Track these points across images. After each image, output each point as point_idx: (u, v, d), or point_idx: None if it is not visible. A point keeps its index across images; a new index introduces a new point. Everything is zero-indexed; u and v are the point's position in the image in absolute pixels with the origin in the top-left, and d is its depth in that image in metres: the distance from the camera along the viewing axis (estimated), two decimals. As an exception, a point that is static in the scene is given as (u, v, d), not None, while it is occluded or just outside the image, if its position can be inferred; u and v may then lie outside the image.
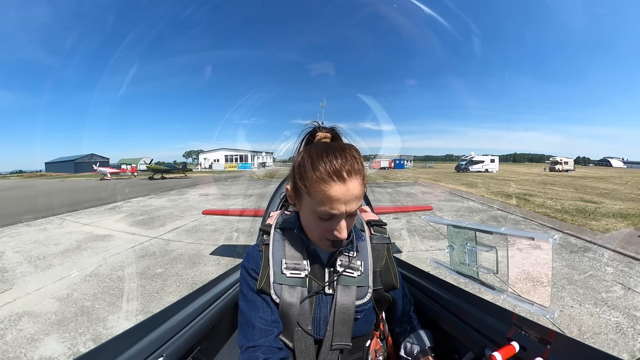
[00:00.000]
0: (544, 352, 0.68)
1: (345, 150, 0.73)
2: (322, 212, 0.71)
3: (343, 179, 0.69)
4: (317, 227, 0.76)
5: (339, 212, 0.70)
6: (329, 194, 0.69)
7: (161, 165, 33.18)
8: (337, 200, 0.69)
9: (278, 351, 0.77)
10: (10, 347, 2.67)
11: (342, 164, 0.70)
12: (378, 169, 42.10)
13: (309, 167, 0.71)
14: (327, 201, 0.70)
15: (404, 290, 1.01)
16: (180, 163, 58.96)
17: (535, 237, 0.58)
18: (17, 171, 74.26)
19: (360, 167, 0.73)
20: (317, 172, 0.70)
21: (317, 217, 0.74)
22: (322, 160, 0.70)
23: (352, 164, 0.71)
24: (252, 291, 0.82)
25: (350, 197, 0.70)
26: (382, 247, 0.91)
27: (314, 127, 0.86)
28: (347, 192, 0.69)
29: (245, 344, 0.77)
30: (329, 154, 0.71)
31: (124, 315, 3.24)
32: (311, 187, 0.71)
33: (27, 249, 5.76)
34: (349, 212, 0.72)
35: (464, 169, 35.66)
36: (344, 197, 0.69)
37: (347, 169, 0.70)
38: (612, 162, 78.18)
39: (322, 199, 0.70)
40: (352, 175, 0.70)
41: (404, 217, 7.88)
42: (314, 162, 0.71)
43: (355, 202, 0.72)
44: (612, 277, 4.08)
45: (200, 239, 6.24)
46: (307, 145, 0.82)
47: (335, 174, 0.69)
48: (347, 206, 0.70)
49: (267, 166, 50.46)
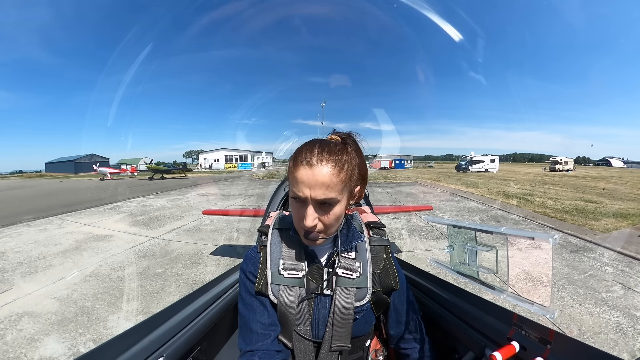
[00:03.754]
0: (544, 352, 0.68)
1: (328, 144, 0.77)
2: (293, 194, 0.75)
3: (310, 164, 0.72)
4: (294, 214, 0.79)
5: (304, 195, 0.72)
6: (296, 176, 0.73)
7: (161, 166, 33.19)
8: (302, 183, 0.72)
9: (276, 354, 0.78)
10: (10, 347, 2.67)
11: (317, 152, 0.74)
12: (378, 169, 42.09)
13: (293, 156, 0.78)
14: (295, 183, 0.74)
15: (409, 298, 0.95)
16: (180, 163, 59.01)
17: (535, 237, 0.58)
18: (17, 171, 74.24)
19: (338, 158, 0.75)
20: (294, 159, 0.75)
21: (294, 202, 0.77)
22: (303, 150, 0.76)
23: (328, 155, 0.74)
24: (250, 295, 0.83)
25: (316, 183, 0.71)
26: (381, 249, 0.91)
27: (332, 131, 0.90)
28: (312, 176, 0.71)
29: (245, 347, 0.79)
30: (311, 145, 0.76)
31: (124, 315, 3.24)
32: (289, 172, 0.76)
33: (27, 249, 5.75)
34: (315, 199, 0.72)
35: (464, 169, 35.66)
36: (308, 180, 0.71)
37: (319, 157, 0.73)
38: (612, 162, 78.20)
39: (292, 181, 0.75)
40: (322, 162, 0.72)
41: (404, 217, 7.88)
42: (297, 152, 0.77)
43: (321, 190, 0.71)
44: (612, 277, 4.08)
45: (201, 239, 6.24)
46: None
47: (305, 159, 0.73)
48: (311, 191, 0.71)
49: (267, 166, 50.46)
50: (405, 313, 0.93)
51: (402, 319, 0.93)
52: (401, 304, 0.93)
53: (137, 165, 36.85)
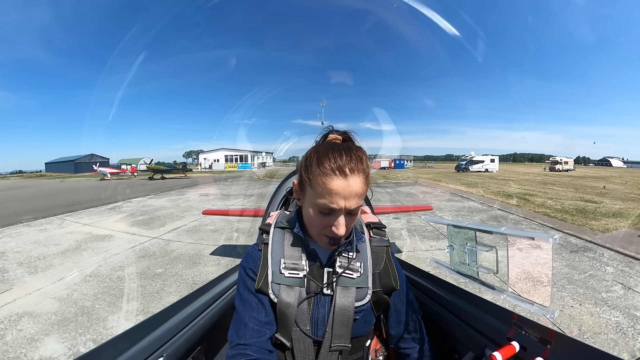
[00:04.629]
0: (544, 351, 0.68)
1: (351, 150, 0.75)
2: (322, 205, 0.73)
3: (345, 174, 0.71)
4: (317, 222, 0.77)
5: (338, 206, 0.71)
6: (329, 187, 0.71)
7: (161, 166, 33.19)
8: (337, 194, 0.71)
9: (269, 353, 0.78)
10: (10, 347, 2.67)
11: (346, 161, 0.72)
12: (378, 169, 42.08)
13: (315, 161, 0.74)
14: (328, 194, 0.71)
15: (409, 298, 0.95)
16: (180, 163, 59.06)
17: (535, 237, 0.58)
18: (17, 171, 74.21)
19: (364, 167, 0.75)
20: (322, 167, 0.72)
21: (318, 210, 0.75)
22: (327, 156, 0.73)
23: (355, 162, 0.73)
24: (248, 291, 0.83)
25: (350, 194, 0.71)
26: (381, 249, 0.91)
27: (328, 131, 0.88)
28: (348, 187, 0.71)
29: (236, 340, 0.78)
30: (335, 151, 0.74)
31: (124, 315, 3.24)
32: (314, 179, 0.73)
33: (27, 249, 5.75)
34: (349, 209, 0.73)
35: (464, 169, 35.66)
36: (344, 192, 0.71)
37: (350, 167, 0.72)
38: (612, 162, 78.18)
39: (322, 192, 0.72)
40: (354, 172, 0.72)
41: (404, 217, 7.88)
42: (320, 157, 0.74)
43: (355, 200, 0.72)
44: (612, 277, 4.07)
45: (201, 239, 6.24)
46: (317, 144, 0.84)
47: (338, 169, 0.71)
48: (346, 202, 0.71)
49: (267, 166, 50.48)
50: (405, 313, 0.93)
51: (402, 319, 0.93)
52: (401, 304, 0.93)
53: (137, 165, 36.85)
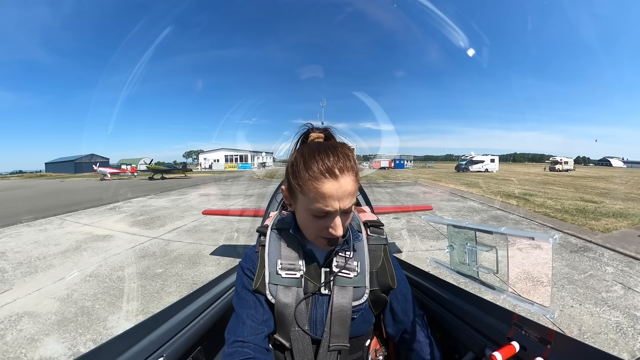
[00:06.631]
0: (544, 351, 0.68)
1: (337, 149, 0.74)
2: (316, 209, 0.72)
3: (335, 175, 0.70)
4: (312, 226, 0.76)
5: (333, 209, 0.71)
6: (322, 191, 0.69)
7: (161, 166, 33.19)
8: (330, 197, 0.70)
9: (266, 351, 0.78)
10: (10, 348, 2.67)
11: (334, 161, 0.70)
12: (378, 169, 42.07)
13: (302, 167, 0.72)
14: (321, 198, 0.70)
15: (408, 297, 0.93)
16: (180, 163, 59.06)
17: (535, 236, 0.58)
18: (17, 171, 74.24)
19: (353, 164, 0.74)
20: (310, 171, 0.70)
21: (312, 215, 0.74)
22: (314, 159, 0.71)
23: (344, 161, 0.72)
24: (245, 289, 0.83)
25: (343, 194, 0.71)
26: (378, 247, 0.91)
27: (307, 129, 0.86)
28: (340, 188, 0.70)
29: (233, 337, 0.77)
30: (321, 152, 0.72)
31: (124, 315, 3.24)
32: (304, 185, 0.71)
33: (27, 249, 5.75)
34: (343, 209, 0.72)
35: (464, 169, 35.64)
36: (337, 193, 0.70)
37: (340, 167, 0.70)
38: (612, 161, 78.15)
39: (315, 197, 0.70)
40: (344, 172, 0.71)
41: (404, 217, 7.88)
42: (306, 161, 0.72)
43: (348, 199, 0.72)
44: (612, 277, 4.07)
45: (201, 239, 6.24)
46: (301, 146, 0.83)
47: (328, 171, 0.69)
48: (340, 203, 0.71)
49: (267, 166, 50.43)
50: (404, 312, 0.92)
51: (401, 318, 0.92)
52: (399, 302, 0.92)
53: (137, 165, 36.87)
